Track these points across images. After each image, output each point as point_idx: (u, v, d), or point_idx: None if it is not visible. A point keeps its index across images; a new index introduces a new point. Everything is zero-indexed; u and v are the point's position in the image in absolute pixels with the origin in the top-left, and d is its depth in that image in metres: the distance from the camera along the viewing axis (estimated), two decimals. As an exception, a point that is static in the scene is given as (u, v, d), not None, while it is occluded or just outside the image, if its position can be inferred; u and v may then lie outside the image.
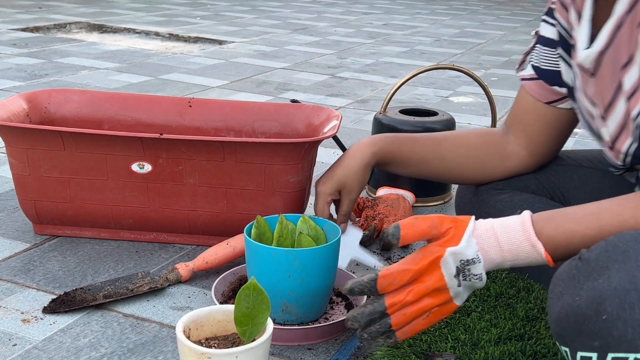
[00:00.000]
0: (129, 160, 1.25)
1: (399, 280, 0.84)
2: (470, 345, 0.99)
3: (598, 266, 0.75)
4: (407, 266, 0.85)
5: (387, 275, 0.84)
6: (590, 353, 0.73)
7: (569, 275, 0.78)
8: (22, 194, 1.30)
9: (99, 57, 3.19)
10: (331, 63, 3.32)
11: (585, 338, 0.74)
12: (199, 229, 1.30)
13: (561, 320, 0.77)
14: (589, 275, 0.75)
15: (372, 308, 0.86)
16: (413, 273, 0.84)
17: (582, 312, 0.74)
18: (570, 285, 0.77)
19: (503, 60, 3.63)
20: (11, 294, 1.14)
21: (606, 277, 0.73)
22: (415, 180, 1.55)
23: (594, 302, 0.73)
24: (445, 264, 0.84)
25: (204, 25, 4.32)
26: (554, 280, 0.81)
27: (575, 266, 0.78)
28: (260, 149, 1.22)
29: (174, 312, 1.10)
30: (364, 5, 5.97)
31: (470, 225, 0.86)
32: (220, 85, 2.76)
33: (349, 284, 0.86)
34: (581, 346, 0.74)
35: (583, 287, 0.75)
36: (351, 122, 2.28)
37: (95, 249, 1.30)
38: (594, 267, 0.75)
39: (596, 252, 0.76)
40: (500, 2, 6.88)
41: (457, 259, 0.84)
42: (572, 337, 0.75)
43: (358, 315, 0.86)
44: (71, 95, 1.48)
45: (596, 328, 0.72)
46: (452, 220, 0.86)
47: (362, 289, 0.85)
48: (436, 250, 0.85)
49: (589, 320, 0.73)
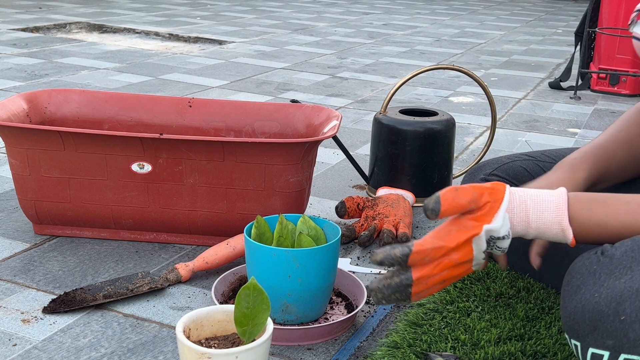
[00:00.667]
0: (129, 160, 1.25)
1: (432, 257, 0.84)
2: (471, 346, 0.99)
3: (622, 265, 0.75)
4: (442, 242, 0.84)
5: (422, 252, 0.84)
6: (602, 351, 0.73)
7: (589, 270, 0.78)
8: (22, 194, 1.30)
9: (99, 57, 3.19)
10: (331, 63, 3.32)
11: (599, 335, 0.73)
12: (199, 229, 1.30)
13: (576, 315, 0.76)
14: (611, 273, 0.75)
15: (399, 281, 0.85)
16: (447, 250, 0.84)
17: (600, 310, 0.73)
18: (590, 280, 0.77)
19: (503, 60, 3.63)
20: (11, 294, 1.14)
21: (629, 277, 0.73)
22: (415, 180, 1.56)
23: (613, 301, 0.73)
24: (479, 241, 0.84)
25: (204, 26, 4.32)
26: (570, 272, 0.80)
27: (597, 261, 0.77)
28: (260, 149, 1.22)
29: (174, 312, 1.10)
30: (364, 6, 5.97)
31: (505, 200, 0.85)
32: (220, 85, 2.76)
33: (379, 255, 0.84)
34: (594, 343, 0.74)
35: (604, 284, 0.75)
36: (351, 122, 2.28)
37: (95, 249, 1.30)
38: (617, 266, 0.75)
39: (621, 250, 0.76)
40: (500, 2, 6.88)
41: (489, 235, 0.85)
42: (586, 333, 0.75)
43: (383, 288, 0.85)
44: (71, 95, 1.48)
45: (612, 327, 0.72)
46: (490, 194, 0.85)
47: (392, 262, 0.84)
48: (473, 227, 0.84)
49: (606, 319, 0.73)
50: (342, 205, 1.41)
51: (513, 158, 1.27)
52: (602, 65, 2.93)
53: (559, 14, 6.10)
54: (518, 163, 1.25)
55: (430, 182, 1.57)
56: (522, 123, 2.37)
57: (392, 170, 1.57)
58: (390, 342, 1.00)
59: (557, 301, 1.12)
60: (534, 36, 4.59)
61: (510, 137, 2.18)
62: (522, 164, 1.24)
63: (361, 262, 1.29)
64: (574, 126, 2.36)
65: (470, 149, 2.04)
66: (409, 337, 1.01)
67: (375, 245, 1.36)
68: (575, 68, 3.08)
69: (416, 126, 1.54)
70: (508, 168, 1.24)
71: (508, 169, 1.24)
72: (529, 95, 2.82)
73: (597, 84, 2.93)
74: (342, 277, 1.16)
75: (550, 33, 4.80)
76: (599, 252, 0.78)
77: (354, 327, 1.08)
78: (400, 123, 1.55)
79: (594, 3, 2.88)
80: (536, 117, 2.46)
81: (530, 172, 1.24)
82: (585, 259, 0.79)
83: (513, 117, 2.44)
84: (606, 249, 0.78)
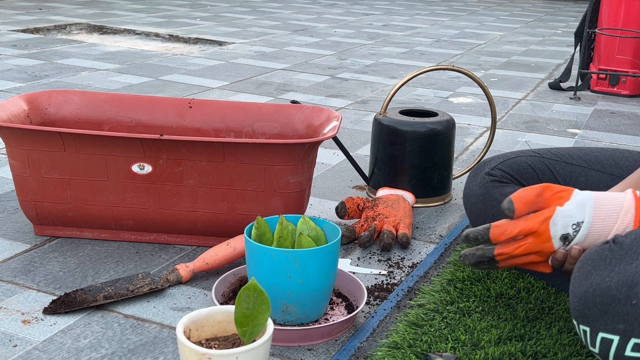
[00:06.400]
0: (129, 161, 1.25)
1: (509, 232, 0.93)
2: (471, 346, 0.99)
3: (632, 251, 0.75)
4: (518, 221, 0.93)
5: (500, 226, 0.94)
6: (612, 335, 0.74)
7: (600, 256, 0.78)
8: (23, 195, 1.30)
9: (99, 58, 3.19)
10: (331, 64, 3.32)
11: (609, 320, 0.74)
12: (199, 229, 1.30)
13: (587, 299, 0.77)
14: (622, 259, 0.75)
15: (482, 252, 0.97)
16: (522, 227, 0.92)
17: (612, 294, 0.74)
18: (601, 265, 0.77)
19: (502, 61, 3.63)
20: (12, 295, 1.14)
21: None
22: (416, 181, 1.56)
23: (625, 285, 0.73)
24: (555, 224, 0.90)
25: (204, 27, 4.32)
26: (582, 260, 0.82)
27: (609, 248, 0.78)
28: (260, 150, 1.22)
29: (174, 313, 1.11)
30: (364, 7, 5.97)
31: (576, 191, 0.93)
32: (221, 86, 2.76)
33: (465, 231, 0.96)
34: (604, 327, 0.74)
35: (615, 269, 0.75)
36: (351, 123, 2.28)
37: (96, 250, 1.30)
38: (627, 251, 0.75)
39: (631, 237, 0.77)
40: (499, 3, 6.88)
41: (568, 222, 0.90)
42: (596, 317, 0.75)
43: (470, 255, 1.00)
44: (71, 96, 1.48)
45: (623, 311, 0.72)
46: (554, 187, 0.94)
47: (476, 235, 0.95)
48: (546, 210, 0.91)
49: (617, 303, 0.73)
50: (342, 205, 1.42)
51: (519, 154, 1.27)
52: (601, 66, 2.93)
53: (559, 14, 6.10)
54: (523, 159, 1.25)
55: (430, 182, 1.57)
56: (522, 124, 2.37)
57: (392, 171, 1.57)
58: (391, 342, 1.01)
59: (557, 301, 1.12)
60: (534, 37, 4.59)
61: (510, 138, 2.18)
62: (527, 160, 1.25)
63: (361, 262, 1.29)
64: (573, 127, 2.36)
65: (470, 150, 2.04)
66: (409, 338, 1.01)
67: (375, 246, 1.36)
68: (575, 69, 3.08)
69: (416, 127, 1.54)
70: (513, 163, 1.25)
71: (513, 164, 1.25)
72: (528, 96, 2.82)
73: (596, 85, 2.93)
74: (342, 278, 1.16)
75: (550, 34, 4.80)
76: (610, 241, 0.79)
77: (354, 328, 1.08)
78: (400, 124, 1.55)
79: (593, 3, 2.88)
80: (536, 117, 2.46)
81: (534, 169, 1.24)
82: (597, 247, 0.81)
83: (513, 118, 2.44)
84: (617, 237, 0.79)
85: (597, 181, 1.19)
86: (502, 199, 1.17)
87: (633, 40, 2.86)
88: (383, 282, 1.22)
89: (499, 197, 1.18)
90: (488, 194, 1.21)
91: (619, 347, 0.73)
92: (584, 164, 1.21)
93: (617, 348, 0.74)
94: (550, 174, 1.23)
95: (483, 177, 1.24)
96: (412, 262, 1.30)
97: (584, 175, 1.20)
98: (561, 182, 1.20)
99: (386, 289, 1.19)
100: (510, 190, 1.17)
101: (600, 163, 1.21)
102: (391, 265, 1.28)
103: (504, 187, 1.19)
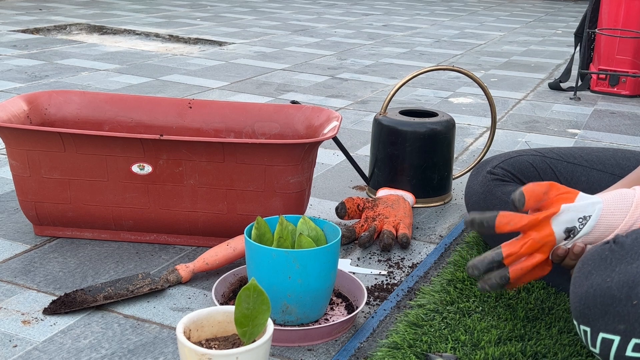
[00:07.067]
0: (129, 161, 1.25)
1: (515, 222, 0.92)
2: (471, 346, 0.99)
3: (633, 251, 0.75)
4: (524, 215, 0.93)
5: (506, 215, 0.94)
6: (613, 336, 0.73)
7: (601, 256, 0.78)
8: (23, 195, 1.30)
9: (99, 59, 3.19)
10: (331, 64, 3.32)
11: (610, 320, 0.73)
12: (199, 230, 1.30)
13: (587, 299, 0.77)
14: (622, 259, 0.75)
15: (491, 257, 0.95)
16: (528, 220, 0.92)
17: (612, 294, 0.74)
18: (601, 265, 0.77)
19: (503, 61, 3.63)
20: (12, 295, 1.14)
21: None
22: (415, 181, 1.56)
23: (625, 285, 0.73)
24: (557, 221, 0.90)
25: (204, 27, 4.32)
26: (583, 260, 0.81)
27: (609, 248, 0.78)
28: (260, 150, 1.22)
29: (174, 313, 1.11)
30: (364, 7, 5.97)
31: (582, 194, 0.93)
32: (220, 86, 2.76)
33: (471, 215, 0.96)
34: (604, 328, 0.74)
35: (615, 269, 0.75)
36: (351, 123, 2.28)
37: (96, 250, 1.30)
38: (628, 252, 0.75)
39: (632, 237, 0.77)
40: (499, 3, 6.88)
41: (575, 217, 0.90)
42: (596, 318, 0.75)
43: (479, 263, 0.95)
44: (71, 96, 1.48)
45: (624, 311, 0.72)
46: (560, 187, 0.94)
47: (482, 220, 0.94)
48: (550, 207, 0.92)
49: (618, 303, 0.73)
50: (342, 206, 1.42)
51: (521, 152, 1.27)
52: (601, 66, 2.93)
53: (559, 14, 6.10)
54: (525, 158, 1.25)
55: (430, 183, 1.57)
56: (522, 124, 2.37)
57: (392, 171, 1.57)
58: (391, 342, 1.01)
59: (557, 301, 1.12)
60: (534, 37, 4.59)
61: (510, 138, 2.18)
62: (529, 159, 1.25)
63: (361, 263, 1.29)
64: (573, 127, 2.36)
65: (470, 150, 2.04)
66: (409, 338, 1.01)
67: (375, 247, 1.36)
68: (575, 69, 3.08)
69: (416, 127, 1.54)
70: (515, 162, 1.25)
71: (515, 162, 1.25)
72: (528, 96, 2.82)
73: (596, 85, 2.93)
74: (343, 278, 1.16)
75: (550, 34, 4.80)
76: (611, 241, 0.79)
77: (354, 328, 1.08)
78: (400, 124, 1.55)
79: (593, 4, 2.89)
80: (536, 117, 2.46)
81: (536, 168, 1.24)
82: (598, 247, 0.80)
83: (513, 118, 2.44)
84: (618, 237, 0.79)
85: (598, 181, 1.19)
86: (504, 197, 1.17)
87: (633, 41, 2.86)
88: (383, 283, 1.22)
89: (501, 195, 1.18)
90: (490, 192, 1.21)
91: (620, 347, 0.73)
92: (585, 164, 1.21)
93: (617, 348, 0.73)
94: (552, 173, 1.23)
95: (485, 176, 1.24)
96: (412, 262, 1.30)
97: (585, 174, 1.20)
98: (563, 181, 1.21)
99: (386, 289, 1.19)
100: (512, 189, 1.18)
101: (602, 163, 1.21)
102: (391, 266, 1.28)
103: (506, 185, 1.20)
